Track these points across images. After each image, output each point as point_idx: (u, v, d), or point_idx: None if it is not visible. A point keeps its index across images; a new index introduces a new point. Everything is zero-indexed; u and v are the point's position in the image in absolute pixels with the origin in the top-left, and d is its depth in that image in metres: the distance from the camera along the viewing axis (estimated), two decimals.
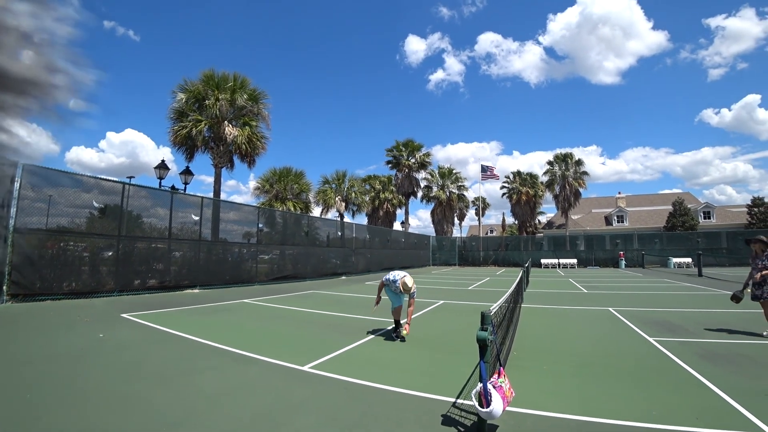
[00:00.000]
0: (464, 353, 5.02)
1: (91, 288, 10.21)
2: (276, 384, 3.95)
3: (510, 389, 3.00)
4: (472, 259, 37.98)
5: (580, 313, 8.81)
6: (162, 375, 4.16)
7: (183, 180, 16.34)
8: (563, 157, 40.56)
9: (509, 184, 43.89)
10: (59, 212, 9.84)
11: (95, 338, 5.79)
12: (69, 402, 3.35)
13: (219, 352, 5.21)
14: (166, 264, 12.53)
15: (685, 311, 8.80)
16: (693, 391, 3.79)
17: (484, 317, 2.95)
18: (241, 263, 15.52)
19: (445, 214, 40.97)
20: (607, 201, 53.55)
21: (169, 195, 13.15)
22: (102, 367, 4.40)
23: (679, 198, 42.37)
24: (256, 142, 19.08)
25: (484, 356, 2.83)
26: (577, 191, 39.81)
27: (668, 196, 49.18)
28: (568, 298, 11.71)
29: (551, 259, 33.79)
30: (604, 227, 46.28)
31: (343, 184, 33.42)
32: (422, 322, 7.68)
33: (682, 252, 30.50)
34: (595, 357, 5.06)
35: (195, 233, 13.58)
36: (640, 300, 10.92)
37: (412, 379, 4.08)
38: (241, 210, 16.71)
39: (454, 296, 12.24)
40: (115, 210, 11.14)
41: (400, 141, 38.70)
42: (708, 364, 4.66)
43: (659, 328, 6.87)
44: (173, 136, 17.79)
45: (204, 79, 18.05)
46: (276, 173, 27.07)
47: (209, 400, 3.47)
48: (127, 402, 3.39)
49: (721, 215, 43.66)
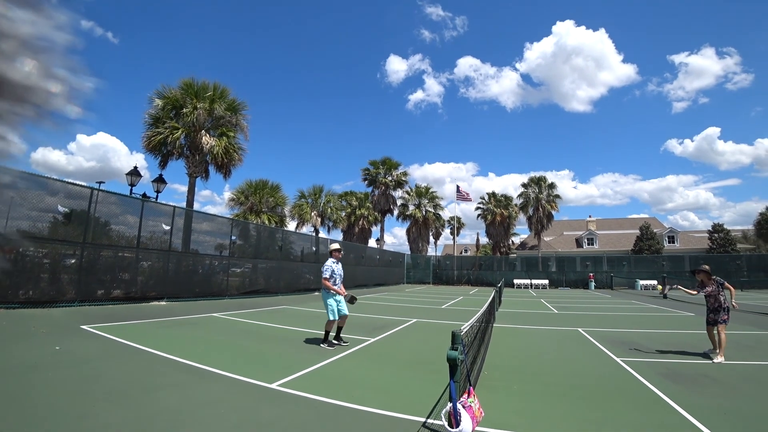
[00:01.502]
0: (435, 372, 5.00)
1: (50, 297, 9.72)
2: (242, 402, 3.83)
3: (479, 409, 3.00)
4: (446, 278, 38.13)
5: (550, 334, 8.93)
6: (121, 391, 3.97)
7: (155, 188, 15.93)
8: (537, 180, 41.59)
9: (484, 205, 44.54)
10: (20, 215, 9.39)
11: (51, 351, 5.50)
12: (17, 419, 3.15)
13: (183, 367, 5.03)
14: (133, 274, 12.10)
15: (650, 332, 9.04)
16: (657, 409, 3.87)
17: (455, 336, 2.95)
18: (211, 276, 15.12)
19: (420, 232, 41.16)
20: (578, 224, 55.01)
21: (140, 203, 12.78)
22: (56, 382, 4.17)
23: (646, 222, 43.92)
24: (233, 153, 18.81)
25: (454, 376, 2.82)
26: (550, 213, 40.75)
27: (636, 221, 50.92)
28: (539, 318, 11.87)
29: (524, 279, 34.28)
30: (575, 249, 47.45)
31: (320, 199, 33.21)
32: (394, 341, 7.64)
33: (648, 274, 31.48)
34: (564, 377, 5.12)
35: (165, 243, 13.19)
36: (608, 321, 11.17)
37: (383, 398, 4.03)
38: (215, 221, 16.37)
39: (427, 315, 12.23)
40: (82, 216, 10.72)
41: (377, 160, 38.95)
42: (671, 383, 4.78)
43: (625, 348, 7.02)
44: (147, 142, 17.34)
45: (183, 87, 17.77)
46: (252, 185, 26.69)
47: (171, 419, 3.32)
48: (80, 420, 3.21)
49: (685, 240, 45.45)
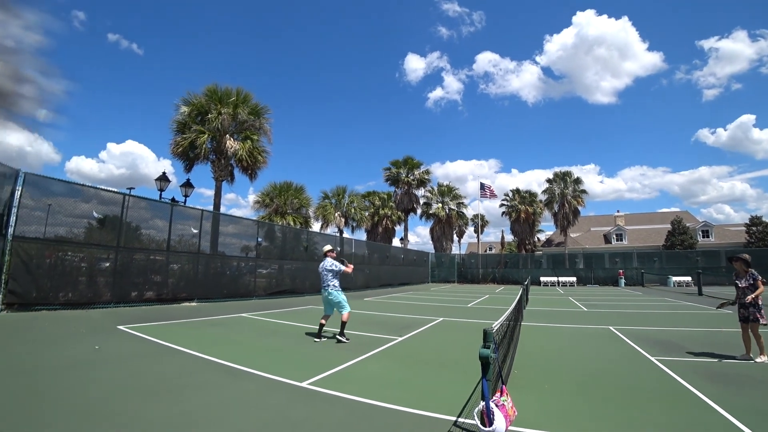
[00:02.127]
0: (464, 371, 4.96)
1: (88, 299, 10.13)
2: (274, 400, 3.88)
3: (512, 408, 2.96)
4: (471, 277, 37.81)
5: (580, 332, 8.73)
6: (157, 389, 4.09)
7: (183, 192, 16.36)
8: (562, 175, 40.80)
9: (508, 202, 43.97)
10: (58, 222, 9.82)
11: (91, 350, 5.72)
12: (63, 416, 3.29)
13: (216, 366, 5.14)
14: (164, 276, 12.46)
15: (686, 330, 8.73)
16: (696, 411, 3.73)
17: (487, 334, 2.92)
18: (239, 277, 15.43)
19: (444, 231, 40.93)
20: (605, 219, 53.65)
21: (169, 207, 13.15)
22: (96, 379, 4.33)
23: (678, 217, 42.46)
24: (257, 155, 19.14)
25: (486, 374, 2.79)
26: (576, 209, 39.93)
27: (666, 215, 49.29)
28: (568, 316, 11.63)
29: (550, 277, 33.67)
30: (603, 245, 46.28)
31: (343, 199, 33.45)
32: (421, 340, 7.61)
33: (682, 270, 30.42)
34: (597, 376, 4.99)
35: (193, 246, 13.54)
36: (640, 319, 10.84)
37: (413, 397, 4.02)
38: (241, 223, 16.70)
39: (454, 313, 12.15)
40: (114, 221, 11.12)
41: (399, 160, 38.90)
42: (711, 383, 4.60)
43: (660, 347, 6.80)
44: (175, 148, 17.84)
45: (207, 93, 18.20)
46: (276, 188, 27.11)
47: (206, 416, 3.40)
48: (120, 416, 3.32)
49: (720, 234, 43.73)
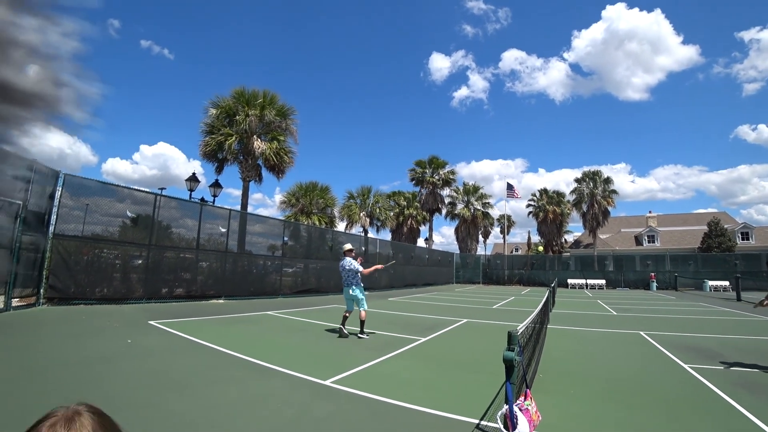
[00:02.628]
0: (488, 373, 4.90)
1: (122, 294, 10.54)
2: (298, 397, 3.94)
3: (537, 412, 2.90)
4: (496, 278, 37.30)
5: (609, 336, 8.49)
6: (185, 383, 4.22)
7: (212, 192, 16.79)
8: (591, 174, 39.78)
9: (535, 202, 43.17)
10: (95, 220, 10.26)
11: (124, 344, 5.94)
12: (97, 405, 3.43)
13: (242, 362, 5.26)
14: (193, 274, 12.82)
15: (722, 337, 8.37)
16: (731, 422, 3.57)
17: (511, 337, 2.88)
18: (265, 275, 15.71)
19: (469, 231, 40.54)
20: (637, 220, 51.95)
21: (198, 207, 13.52)
22: (128, 372, 4.50)
23: (715, 218, 40.64)
24: (283, 156, 19.47)
25: (510, 377, 2.75)
26: (606, 210, 38.84)
27: (703, 216, 47.30)
28: (597, 320, 11.32)
29: (578, 279, 32.85)
30: (634, 247, 44.82)
31: (368, 199, 33.58)
32: (445, 341, 7.57)
33: (719, 274, 29.12)
34: (626, 383, 4.84)
35: (221, 245, 13.87)
36: (673, 324, 10.45)
37: (435, 398, 4.00)
38: (267, 223, 17.00)
39: (478, 315, 12.02)
40: (147, 220, 11.52)
41: (424, 160, 38.79)
42: (747, 393, 4.38)
43: (694, 354, 6.54)
44: (204, 149, 18.37)
45: (235, 96, 18.64)
46: (302, 188, 27.47)
47: (231, 410, 3.49)
48: (150, 408, 3.44)
49: (761, 236, 41.64)
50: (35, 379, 4.09)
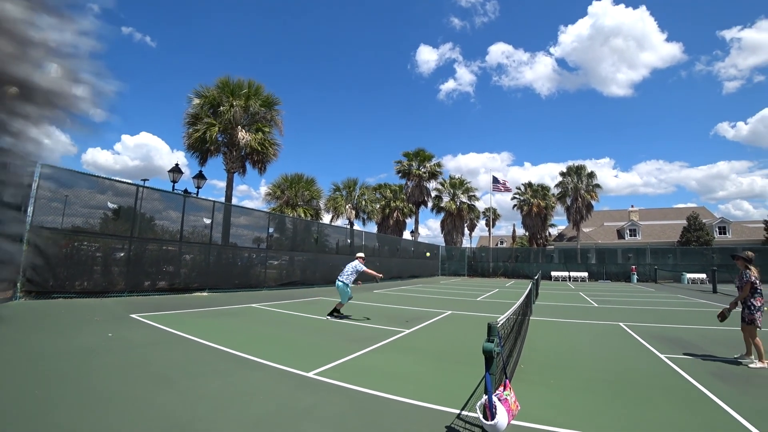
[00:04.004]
0: (470, 364, 4.97)
1: (103, 288, 10.36)
2: (281, 389, 3.95)
3: (515, 402, 2.97)
4: (481, 270, 37.71)
5: (589, 328, 8.67)
6: (167, 376, 4.19)
7: (196, 184, 16.54)
8: (575, 169, 40.33)
9: (520, 196, 43.62)
10: (74, 212, 10.03)
11: (104, 337, 5.86)
12: (76, 400, 3.39)
13: (225, 355, 5.23)
14: (177, 266, 12.66)
15: (698, 328, 8.62)
16: (704, 410, 3.70)
17: (491, 328, 2.92)
18: (250, 268, 15.61)
19: (455, 224, 40.79)
20: (619, 214, 52.89)
21: (182, 198, 13.32)
22: (109, 366, 4.44)
23: (694, 212, 41.61)
24: (268, 147, 19.27)
25: (489, 368, 2.80)
26: (589, 204, 39.47)
27: (683, 211, 48.36)
28: (578, 311, 11.55)
29: (561, 271, 33.38)
30: (616, 241, 45.69)
31: (354, 192, 33.52)
32: (429, 332, 7.64)
33: (697, 267, 29.88)
34: (604, 373, 4.97)
35: (206, 237, 13.72)
36: (652, 316, 10.72)
37: (417, 389, 4.05)
38: (252, 215, 16.86)
39: (462, 307, 12.15)
40: (129, 212, 11.31)
41: (410, 152, 38.72)
42: (720, 382, 4.54)
43: (671, 344, 6.73)
44: (188, 140, 18.08)
45: (219, 86, 18.34)
46: (287, 179, 27.26)
47: (213, 404, 3.48)
48: (131, 402, 3.41)
49: (738, 231, 42.83)
50: (13, 373, 4.02)
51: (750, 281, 5.67)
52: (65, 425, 2.92)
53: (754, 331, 5.51)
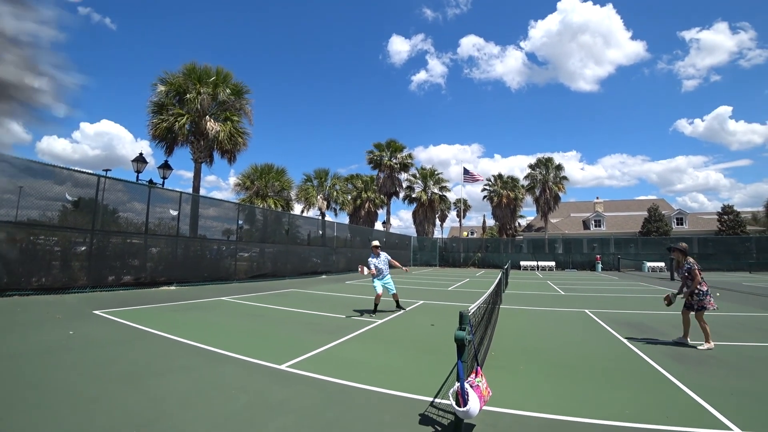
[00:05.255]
0: (443, 353, 5.04)
1: (63, 284, 9.90)
2: (252, 383, 3.89)
3: (487, 389, 3.02)
4: (452, 260, 38.27)
5: (556, 315, 8.95)
6: (133, 374, 4.05)
7: (161, 174, 15.98)
8: (544, 161, 41.29)
9: (490, 187, 44.33)
10: (30, 204, 9.49)
11: (65, 335, 5.60)
12: (35, 402, 3.23)
13: (194, 350, 5.11)
14: (142, 260, 12.23)
15: (657, 313, 9.03)
16: (663, 390, 3.88)
17: (463, 317, 2.96)
18: (219, 260, 15.27)
19: (426, 214, 41.13)
20: (585, 205, 54.57)
21: (147, 189, 12.84)
22: (71, 365, 4.26)
23: (654, 204, 43.46)
24: (237, 137, 18.79)
25: (461, 356, 2.84)
26: (557, 195, 40.54)
27: (644, 202, 50.41)
28: (546, 299, 11.89)
29: (530, 261, 34.27)
30: (582, 231, 47.21)
31: (326, 182, 33.22)
32: (401, 322, 7.69)
33: (656, 256, 31.31)
34: (571, 357, 5.14)
35: (173, 229, 13.31)
36: (615, 302, 11.17)
37: (390, 379, 4.07)
38: (221, 206, 16.46)
39: (434, 296, 12.29)
40: (90, 203, 10.82)
41: (382, 143, 38.65)
42: (677, 364, 4.78)
43: (632, 329, 7.03)
44: (153, 130, 17.38)
45: (185, 72, 17.67)
46: (257, 170, 26.70)
47: (182, 401, 3.39)
48: (94, 402, 3.28)
49: (693, 222, 45.02)
50: None
51: (696, 269, 5.95)
52: (23, 428, 2.77)
53: (702, 315, 5.82)
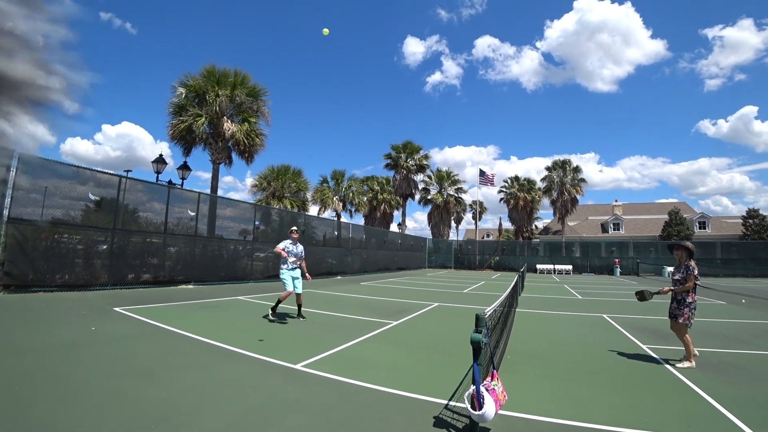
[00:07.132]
0: (457, 355, 5.01)
1: (85, 281, 10.15)
2: (267, 382, 3.92)
3: (503, 392, 2.99)
4: (467, 263, 38.03)
5: (574, 319, 8.81)
6: (151, 370, 4.12)
7: (180, 175, 16.28)
8: (561, 163, 40.72)
9: (507, 189, 43.91)
10: (54, 204, 9.76)
11: (87, 331, 5.74)
12: (57, 395, 3.32)
13: (211, 348, 5.18)
14: (161, 259, 12.46)
15: None
16: (684, 398, 3.79)
17: (479, 319, 2.93)
18: (236, 260, 15.45)
19: (442, 216, 40.96)
20: (603, 208, 53.68)
21: (166, 190, 13.09)
22: (92, 360, 4.36)
23: (675, 207, 42.49)
24: (254, 138, 19.01)
25: (477, 359, 2.82)
26: (574, 198, 39.94)
27: (664, 206, 49.36)
28: (563, 303, 11.72)
29: (547, 264, 33.85)
30: (600, 234, 46.42)
31: (342, 183, 33.35)
32: (416, 324, 7.67)
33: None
34: (588, 363, 5.05)
35: (191, 229, 13.52)
36: (634, 308, 10.94)
37: (405, 380, 4.06)
38: (238, 207, 16.66)
39: (449, 299, 12.23)
40: (111, 203, 11.07)
41: (399, 144, 38.68)
42: (699, 372, 4.66)
43: (653, 335, 6.88)
44: (172, 131, 17.71)
45: (205, 74, 17.98)
46: (274, 171, 26.97)
47: (198, 396, 3.44)
48: (115, 396, 3.35)
49: (717, 226, 43.86)
50: None
51: (694, 275, 5.32)
52: (46, 420, 2.85)
53: (684, 328, 5.14)
